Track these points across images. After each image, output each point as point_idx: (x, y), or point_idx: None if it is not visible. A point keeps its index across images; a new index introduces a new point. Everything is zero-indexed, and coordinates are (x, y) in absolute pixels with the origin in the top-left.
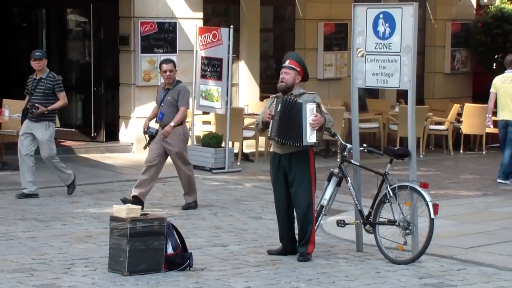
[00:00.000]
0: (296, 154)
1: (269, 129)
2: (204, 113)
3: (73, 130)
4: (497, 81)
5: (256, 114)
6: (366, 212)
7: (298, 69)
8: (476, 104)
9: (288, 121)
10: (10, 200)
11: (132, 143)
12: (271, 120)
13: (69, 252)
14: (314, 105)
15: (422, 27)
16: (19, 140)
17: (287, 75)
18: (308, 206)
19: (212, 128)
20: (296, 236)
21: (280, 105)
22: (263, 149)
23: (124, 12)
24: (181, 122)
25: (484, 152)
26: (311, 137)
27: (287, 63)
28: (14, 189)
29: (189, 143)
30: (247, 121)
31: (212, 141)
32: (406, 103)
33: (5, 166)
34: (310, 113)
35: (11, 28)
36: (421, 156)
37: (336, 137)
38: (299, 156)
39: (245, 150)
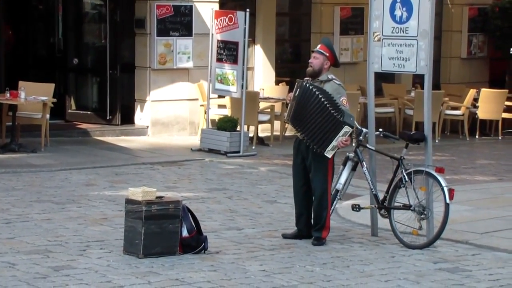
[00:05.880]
0: None
1: (286, 112)
2: (220, 96)
3: (89, 113)
4: None
5: (272, 98)
6: (381, 196)
7: (327, 54)
8: (493, 89)
9: (303, 109)
10: (26, 182)
11: (148, 126)
12: (289, 104)
13: (84, 234)
14: (351, 130)
15: (439, 12)
16: None
17: (315, 60)
18: (322, 193)
19: (227, 111)
20: (312, 221)
21: (298, 90)
22: (278, 133)
23: None
24: None
25: (500, 138)
26: (330, 151)
27: (317, 47)
28: (30, 171)
29: (204, 126)
30: (262, 105)
31: (227, 124)
32: (422, 88)
33: (21, 148)
34: (344, 134)
35: (27, 10)
36: (437, 141)
37: None
38: None
39: (260, 134)
